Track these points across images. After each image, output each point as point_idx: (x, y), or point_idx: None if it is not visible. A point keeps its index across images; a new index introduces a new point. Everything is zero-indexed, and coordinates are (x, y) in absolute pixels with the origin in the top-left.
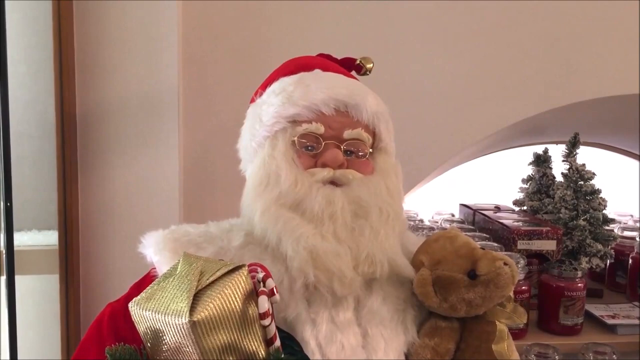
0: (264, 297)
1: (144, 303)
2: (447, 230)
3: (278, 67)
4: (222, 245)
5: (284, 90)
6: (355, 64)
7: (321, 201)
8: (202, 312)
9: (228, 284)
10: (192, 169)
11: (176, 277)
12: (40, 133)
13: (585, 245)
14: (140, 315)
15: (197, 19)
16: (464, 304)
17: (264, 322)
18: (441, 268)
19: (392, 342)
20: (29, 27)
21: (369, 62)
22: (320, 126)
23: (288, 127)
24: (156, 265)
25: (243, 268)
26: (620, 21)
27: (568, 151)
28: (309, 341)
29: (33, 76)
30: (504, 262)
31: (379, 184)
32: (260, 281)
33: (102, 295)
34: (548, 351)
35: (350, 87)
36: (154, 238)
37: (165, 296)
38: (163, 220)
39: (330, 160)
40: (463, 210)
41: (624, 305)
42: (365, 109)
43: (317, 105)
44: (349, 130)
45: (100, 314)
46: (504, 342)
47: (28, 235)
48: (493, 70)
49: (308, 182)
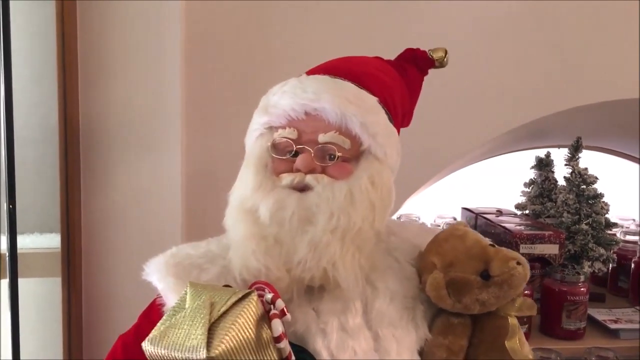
0: (277, 321)
1: (158, 341)
2: (454, 226)
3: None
4: (224, 264)
5: (266, 97)
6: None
7: (272, 206)
8: (219, 347)
9: (240, 312)
10: (195, 173)
11: (187, 312)
12: (43, 136)
13: (588, 250)
14: (155, 354)
15: (200, 23)
16: (477, 304)
17: (280, 345)
18: (454, 270)
19: (404, 341)
20: (32, 31)
21: (439, 52)
22: (293, 131)
23: (265, 133)
24: (161, 292)
25: (252, 294)
26: (621, 26)
27: (571, 155)
28: (321, 352)
29: (36, 80)
30: (517, 261)
31: (342, 189)
32: (269, 302)
33: (104, 299)
34: (551, 355)
35: (321, 89)
36: (155, 265)
37: (180, 333)
38: (165, 224)
39: (301, 165)
40: (465, 213)
41: (627, 309)
42: (334, 112)
43: (285, 110)
44: (322, 133)
45: (113, 348)
46: (516, 337)
47: (30, 238)
48: (495, 74)
49: (270, 186)
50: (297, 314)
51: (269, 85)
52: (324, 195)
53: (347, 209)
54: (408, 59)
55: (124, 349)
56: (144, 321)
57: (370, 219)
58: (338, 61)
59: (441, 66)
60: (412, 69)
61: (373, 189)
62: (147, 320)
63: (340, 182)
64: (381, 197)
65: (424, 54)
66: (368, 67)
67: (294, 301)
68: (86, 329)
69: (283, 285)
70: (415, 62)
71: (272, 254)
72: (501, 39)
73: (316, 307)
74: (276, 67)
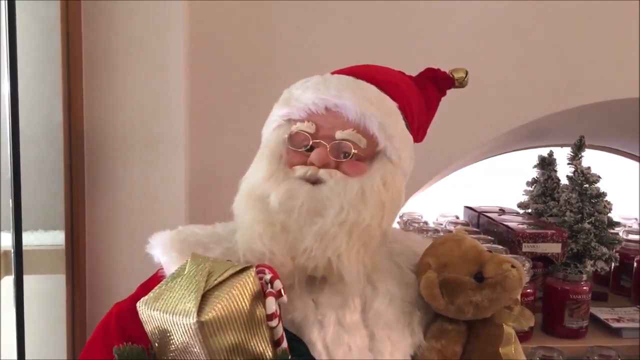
0: (272, 299)
1: (152, 302)
2: (453, 233)
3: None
4: (229, 246)
5: (289, 91)
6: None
7: (282, 195)
8: (209, 313)
9: (236, 284)
10: (199, 170)
11: (184, 277)
12: (47, 134)
13: (590, 249)
14: (148, 314)
15: (204, 21)
16: (471, 306)
17: (271, 324)
18: (448, 271)
19: (399, 344)
20: (37, 29)
21: (460, 72)
22: (311, 125)
23: (283, 124)
24: (164, 265)
25: (251, 269)
26: (622, 25)
27: (573, 154)
28: (316, 343)
29: (40, 78)
30: (511, 264)
31: (354, 185)
32: (267, 282)
33: (108, 296)
34: (553, 354)
35: (344, 87)
36: (161, 239)
37: (174, 296)
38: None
39: (315, 159)
40: (467, 212)
41: (629, 308)
42: (354, 110)
43: (306, 104)
44: (340, 130)
45: (107, 314)
46: (511, 346)
47: (34, 235)
48: (497, 73)
49: (283, 176)
50: (296, 302)
51: (272, 85)
52: (335, 189)
53: (357, 205)
54: (429, 77)
55: (118, 316)
56: (142, 292)
57: (378, 218)
58: (363, 66)
59: (461, 86)
60: (432, 87)
61: (385, 189)
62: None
63: (353, 179)
64: (392, 198)
65: (445, 74)
66: (390, 75)
67: (294, 289)
68: (90, 326)
69: (286, 271)
70: (435, 81)
71: (278, 240)
72: (502, 38)
73: (316, 298)
74: (279, 67)
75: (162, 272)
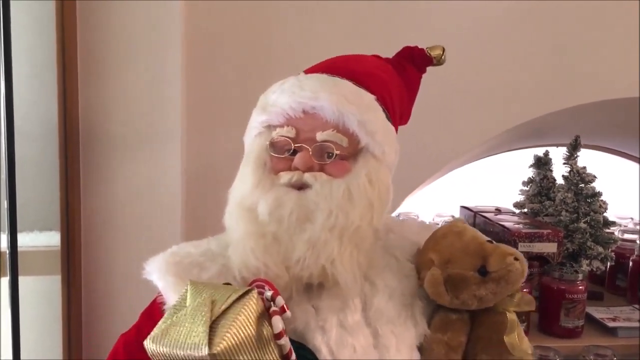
0: (277, 318)
1: (159, 339)
2: (453, 223)
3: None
4: (224, 262)
5: (265, 95)
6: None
7: (271, 204)
8: (220, 344)
9: (241, 310)
10: (195, 170)
11: (188, 310)
12: (42, 134)
13: (586, 248)
14: (157, 352)
15: (201, 19)
16: (475, 300)
17: (280, 342)
18: (451, 267)
19: (404, 337)
20: (32, 28)
21: (437, 49)
22: (291, 129)
23: (264, 131)
24: (162, 291)
25: (253, 292)
26: (620, 24)
27: (569, 154)
28: (321, 348)
29: (35, 77)
30: (514, 257)
31: (340, 187)
32: (269, 300)
33: (104, 297)
34: (549, 354)
35: (318, 88)
36: (156, 263)
37: (181, 331)
38: (165, 221)
39: (299, 163)
40: (463, 212)
41: (625, 307)
42: (331, 110)
43: (284, 109)
44: (320, 131)
45: (114, 348)
46: (515, 332)
47: (30, 236)
48: (494, 73)
49: (269, 185)
50: (296, 311)
51: (269, 82)
52: (322, 193)
53: (345, 207)
54: (406, 57)
55: (125, 348)
56: (145, 320)
57: (368, 218)
58: (336, 59)
59: (439, 64)
60: (410, 67)
61: (371, 187)
62: (148, 319)
63: (338, 179)
64: (379, 196)
65: (422, 51)
66: (366, 65)
67: (293, 299)
68: (86, 327)
69: (282, 283)
70: (413, 60)
71: (270, 252)
72: (500, 37)
73: (315, 304)
74: (276, 65)
75: (160, 299)
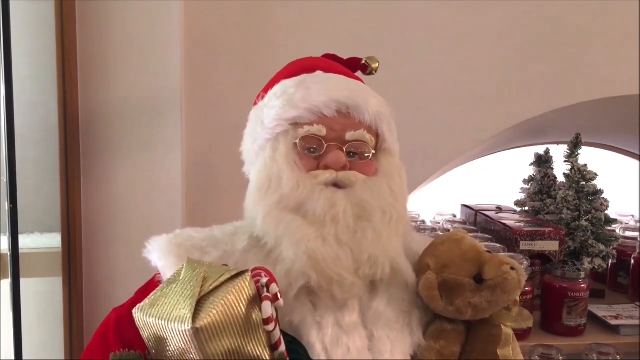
0: (268, 303)
1: (147, 309)
2: (453, 232)
3: (281, 69)
4: (227, 249)
5: (285, 92)
6: (361, 63)
7: (323, 204)
8: (205, 319)
9: (231, 289)
10: (195, 171)
11: (179, 283)
12: (43, 135)
13: (588, 246)
14: (144, 321)
15: (200, 20)
16: (469, 308)
17: (268, 328)
18: (447, 272)
19: (399, 344)
20: (32, 30)
21: (375, 61)
22: (322, 128)
23: (290, 129)
24: (161, 270)
25: (246, 273)
26: (620, 22)
27: (570, 152)
28: (315, 345)
29: (35, 79)
30: (510, 266)
31: (382, 185)
32: (264, 286)
33: (106, 298)
34: (551, 352)
35: (352, 88)
36: (158, 243)
37: (169, 302)
38: (166, 222)
39: (333, 162)
40: (465, 211)
41: (627, 305)
42: (367, 110)
43: (318, 107)
44: (351, 131)
45: (106, 319)
46: (510, 346)
47: (31, 238)
48: (495, 71)
49: (310, 184)
50: (294, 305)
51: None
52: (368, 191)
53: (393, 204)
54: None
55: (116, 321)
56: (140, 297)
57: (406, 211)
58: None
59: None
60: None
61: (401, 183)
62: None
63: (377, 178)
64: (405, 190)
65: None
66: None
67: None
68: (87, 329)
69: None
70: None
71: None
72: (500, 36)
73: (314, 300)
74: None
75: (159, 277)
